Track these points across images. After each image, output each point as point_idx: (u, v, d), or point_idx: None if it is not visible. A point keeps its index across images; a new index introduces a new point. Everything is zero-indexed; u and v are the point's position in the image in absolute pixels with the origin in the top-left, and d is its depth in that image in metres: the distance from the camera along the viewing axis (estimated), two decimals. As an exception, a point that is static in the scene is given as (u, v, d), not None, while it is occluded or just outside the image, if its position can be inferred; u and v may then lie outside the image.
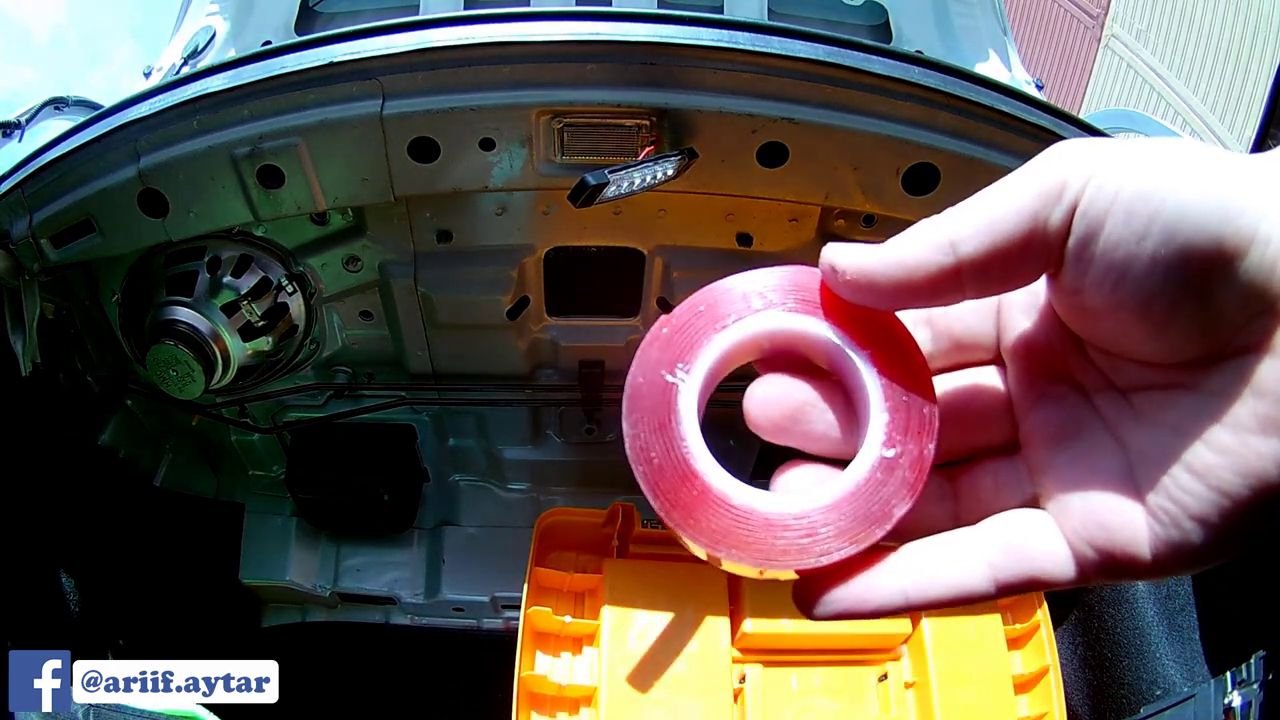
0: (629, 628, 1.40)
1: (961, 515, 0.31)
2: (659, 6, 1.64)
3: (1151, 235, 0.23)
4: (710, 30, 1.07)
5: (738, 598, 1.45)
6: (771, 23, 1.18)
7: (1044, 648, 1.53)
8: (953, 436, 0.31)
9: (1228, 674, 1.31)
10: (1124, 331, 0.26)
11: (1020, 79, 1.85)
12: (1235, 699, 1.26)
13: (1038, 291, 0.30)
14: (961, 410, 0.32)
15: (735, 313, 0.31)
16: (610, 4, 1.62)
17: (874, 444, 0.29)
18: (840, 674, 1.46)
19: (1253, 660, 1.28)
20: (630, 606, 1.42)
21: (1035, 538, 0.28)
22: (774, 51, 1.06)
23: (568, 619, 1.44)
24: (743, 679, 1.40)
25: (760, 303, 0.31)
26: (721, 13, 1.71)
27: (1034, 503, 0.30)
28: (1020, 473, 0.31)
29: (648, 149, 1.12)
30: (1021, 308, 0.31)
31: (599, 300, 1.52)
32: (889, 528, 0.28)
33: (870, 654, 1.48)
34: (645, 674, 1.37)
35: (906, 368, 0.30)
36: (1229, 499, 0.24)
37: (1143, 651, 1.48)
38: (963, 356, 0.32)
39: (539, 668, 1.41)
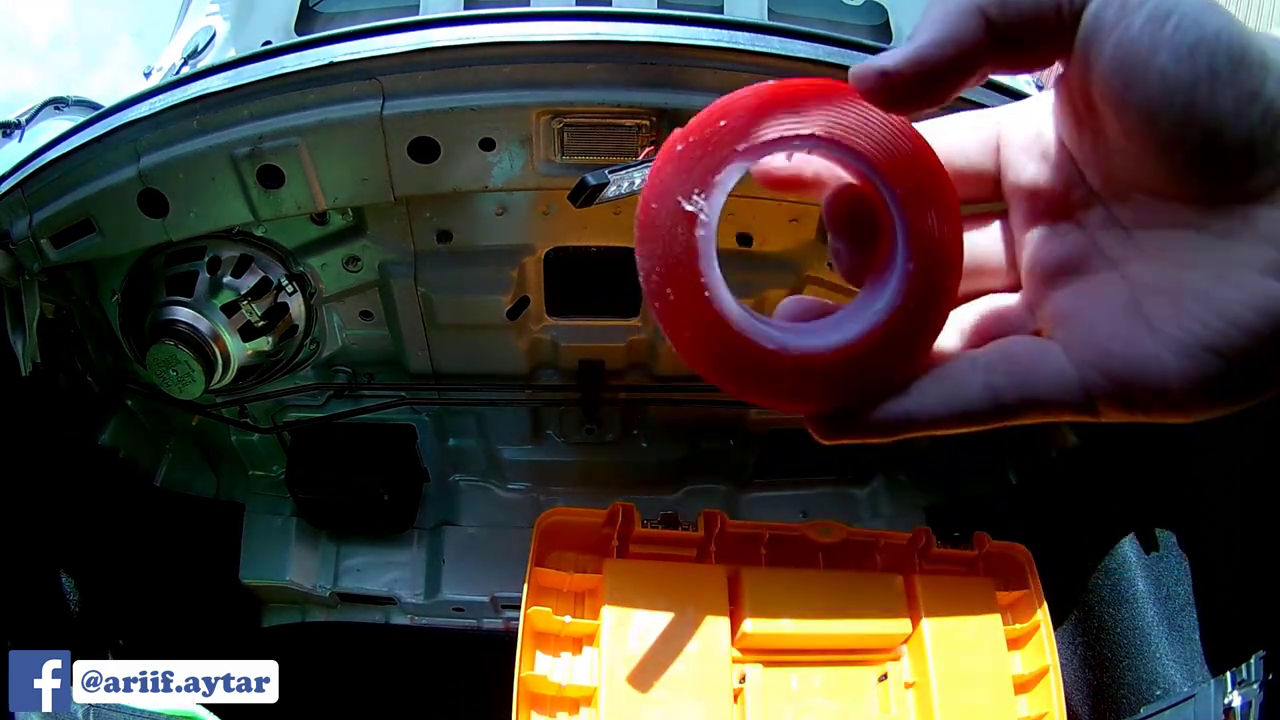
0: (629, 628, 1.40)
1: (964, 348, 0.31)
2: (659, 6, 1.64)
3: (1168, 38, 0.24)
4: (710, 30, 1.07)
5: (738, 598, 1.45)
6: (771, 23, 1.18)
7: (1044, 648, 1.53)
8: None
9: (1228, 674, 1.31)
10: (1129, 146, 0.26)
11: (1020, 78, 1.85)
12: (1235, 699, 1.26)
13: (1040, 131, 0.30)
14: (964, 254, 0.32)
15: (760, 133, 0.28)
16: (610, 4, 1.62)
17: (896, 292, 0.29)
18: (840, 674, 1.46)
19: (1253, 660, 1.28)
20: (630, 606, 1.42)
21: (1039, 360, 0.28)
22: (774, 51, 1.06)
23: (568, 619, 1.44)
24: (743, 679, 1.40)
25: (787, 124, 0.28)
26: (721, 13, 1.70)
27: (1038, 335, 0.30)
28: (1023, 308, 0.31)
29: (648, 149, 1.12)
30: (1022, 147, 0.31)
31: (599, 300, 1.52)
32: (900, 375, 0.29)
33: (870, 654, 1.48)
34: (645, 674, 1.37)
35: (936, 210, 0.29)
36: (1246, 333, 0.24)
37: (1143, 651, 1.49)
38: (961, 189, 0.32)
39: (539, 668, 1.41)
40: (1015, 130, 0.31)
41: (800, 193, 0.32)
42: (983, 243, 0.32)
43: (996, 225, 0.32)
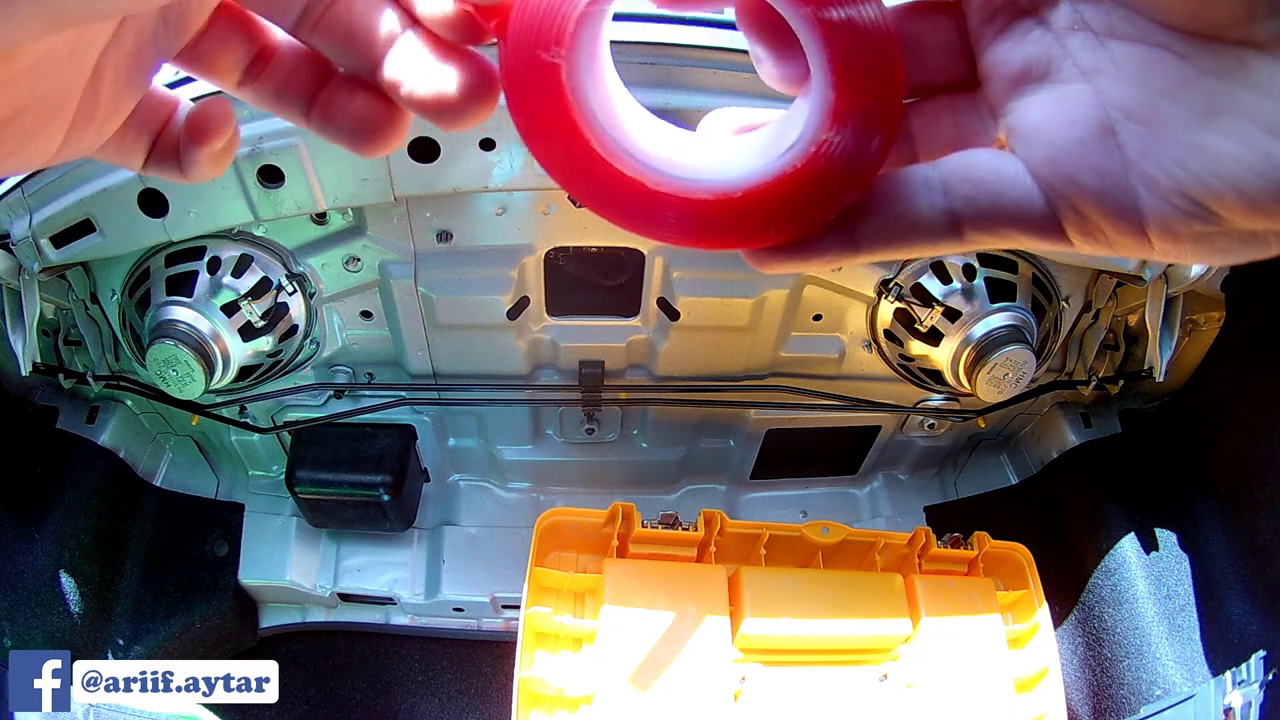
0: (629, 628, 1.40)
1: (920, 157, 0.28)
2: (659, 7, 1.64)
3: None
4: (710, 30, 1.07)
5: (737, 597, 1.45)
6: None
7: (1044, 648, 1.53)
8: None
9: (1228, 674, 1.31)
10: None
11: None
12: (1235, 699, 1.26)
13: None
14: (912, 39, 0.27)
15: None
16: (610, 4, 1.62)
17: (818, 122, 0.25)
18: (840, 674, 1.46)
19: (1253, 660, 1.28)
20: (630, 606, 1.42)
21: (1002, 180, 0.25)
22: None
23: (568, 619, 1.44)
24: (743, 679, 1.40)
25: None
26: (722, 13, 1.70)
27: (999, 147, 0.27)
28: (983, 113, 0.27)
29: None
30: None
31: (599, 300, 1.52)
32: (833, 215, 0.26)
33: (870, 654, 1.48)
34: (645, 674, 1.37)
35: (862, 31, 0.24)
36: (1240, 194, 0.22)
37: (1143, 651, 1.49)
38: None
39: (539, 668, 1.41)
40: None
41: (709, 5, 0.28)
42: (933, 39, 0.28)
43: (949, 19, 0.28)
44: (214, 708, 1.27)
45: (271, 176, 1.17)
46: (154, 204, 1.17)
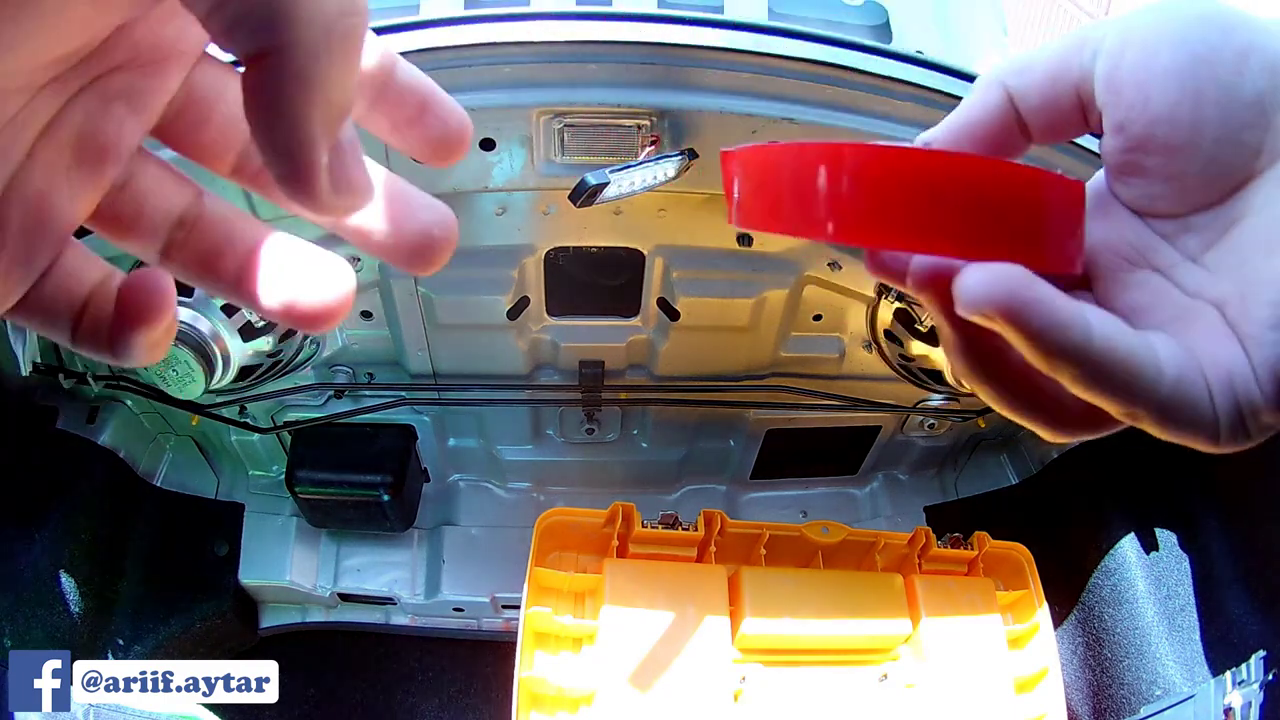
0: (629, 628, 1.40)
1: None
2: (659, 7, 1.64)
3: (1161, 49, 0.26)
4: (710, 30, 1.07)
5: (737, 598, 1.45)
6: (771, 23, 1.18)
7: (1044, 648, 1.53)
8: None
9: (1228, 674, 1.31)
10: (1166, 157, 0.27)
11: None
12: (1235, 699, 1.26)
13: (1096, 190, 0.31)
14: None
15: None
16: (610, 4, 1.62)
17: None
18: (840, 674, 1.46)
19: (1253, 660, 1.28)
20: (630, 606, 1.42)
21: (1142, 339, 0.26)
22: (774, 51, 1.06)
23: (568, 619, 1.44)
24: (743, 679, 1.40)
25: None
26: (722, 13, 1.70)
27: None
28: None
29: (648, 149, 1.12)
30: (1087, 213, 0.31)
31: (599, 300, 1.52)
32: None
33: (870, 654, 1.48)
34: (645, 674, 1.37)
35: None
36: None
37: (1143, 651, 1.49)
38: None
39: (539, 668, 1.41)
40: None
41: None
42: None
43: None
44: (214, 708, 1.27)
45: (271, 176, 1.17)
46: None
